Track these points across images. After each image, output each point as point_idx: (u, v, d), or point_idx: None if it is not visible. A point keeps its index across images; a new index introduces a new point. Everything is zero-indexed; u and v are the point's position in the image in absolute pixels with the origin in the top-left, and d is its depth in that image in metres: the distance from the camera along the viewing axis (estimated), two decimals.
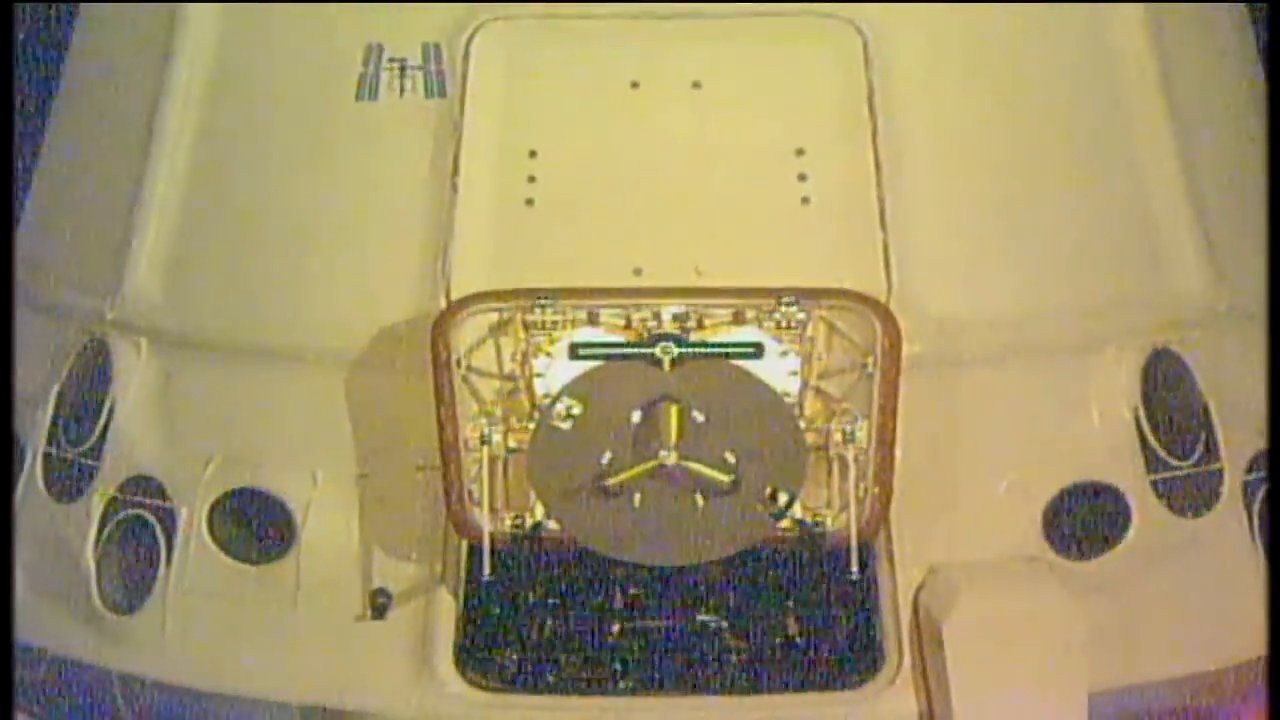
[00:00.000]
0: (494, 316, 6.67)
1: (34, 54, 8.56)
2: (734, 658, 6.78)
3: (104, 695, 7.03)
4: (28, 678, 7.18)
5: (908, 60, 6.95)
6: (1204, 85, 7.48)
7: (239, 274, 7.09)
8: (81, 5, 7.78)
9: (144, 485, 7.01)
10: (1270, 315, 7.46)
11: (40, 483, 7.21)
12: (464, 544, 6.68)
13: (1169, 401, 7.07)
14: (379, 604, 6.74)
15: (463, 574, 6.71)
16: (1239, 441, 7.15)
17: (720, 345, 6.62)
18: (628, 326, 6.65)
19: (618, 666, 6.75)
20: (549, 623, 6.78)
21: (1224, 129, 7.57)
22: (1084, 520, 6.95)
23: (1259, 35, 8.25)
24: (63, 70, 7.87)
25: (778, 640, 6.79)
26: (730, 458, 6.50)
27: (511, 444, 6.61)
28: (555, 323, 6.63)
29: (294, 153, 7.06)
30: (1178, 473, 7.04)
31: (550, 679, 6.74)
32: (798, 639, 6.79)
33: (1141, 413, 7.00)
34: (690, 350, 6.59)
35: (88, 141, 7.63)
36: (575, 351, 6.61)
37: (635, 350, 6.60)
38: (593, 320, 6.65)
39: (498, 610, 6.77)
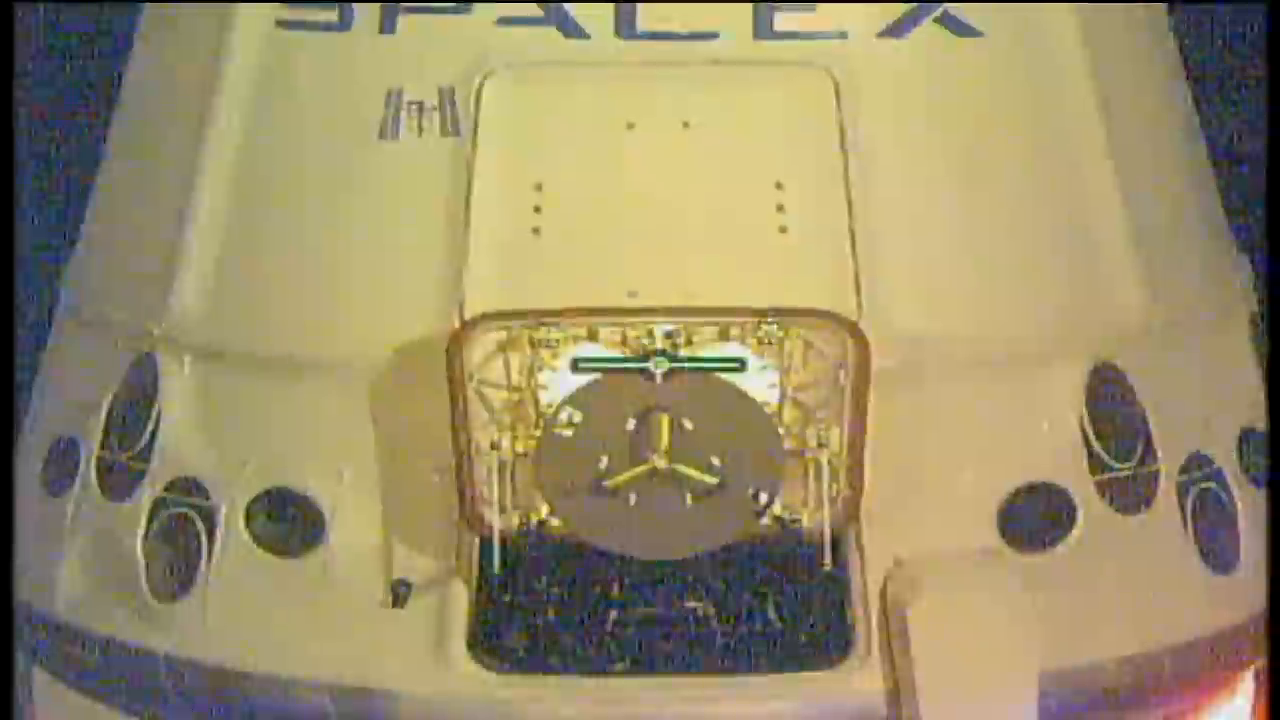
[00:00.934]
0: (503, 334, 6.70)
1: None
2: (719, 641, 6.81)
3: (151, 676, 7.07)
4: (82, 659, 7.23)
5: (874, 102, 6.98)
6: (1140, 112, 7.52)
7: (274, 294, 7.13)
8: (136, 41, 7.79)
9: (187, 485, 7.06)
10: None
11: (94, 483, 7.24)
12: (476, 540, 6.73)
13: (1111, 410, 7.13)
14: (399, 593, 6.81)
15: (475, 567, 6.76)
16: (1174, 446, 7.20)
17: (707, 360, 6.67)
18: (624, 343, 6.70)
19: (615, 649, 6.79)
20: (553, 610, 6.80)
21: (1161, 153, 7.62)
22: (1034, 517, 7.02)
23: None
24: (116, 102, 7.89)
25: (759, 626, 6.82)
26: (716, 461, 6.55)
27: (519, 449, 6.66)
28: (558, 340, 6.69)
29: (323, 186, 7.10)
30: (1119, 474, 7.11)
31: (554, 661, 6.78)
32: (777, 624, 6.83)
33: (1086, 420, 7.08)
34: (680, 365, 6.63)
35: (136, 172, 7.66)
36: (576, 366, 6.65)
37: (630, 365, 6.65)
38: (592, 337, 6.71)
39: (507, 599, 6.79)
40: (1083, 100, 7.31)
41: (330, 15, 7.09)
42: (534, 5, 6.93)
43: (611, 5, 6.93)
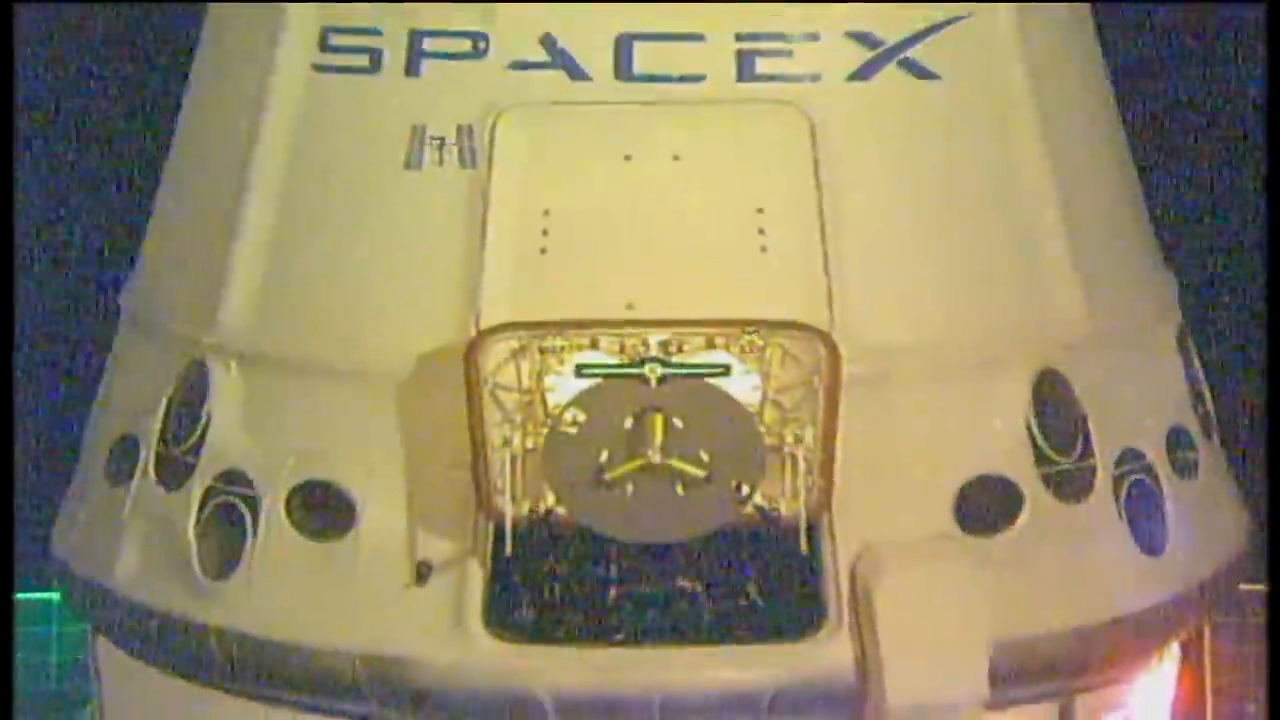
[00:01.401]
0: (515, 343, 6.68)
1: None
2: (706, 616, 6.80)
3: (201, 645, 7.04)
4: (140, 630, 7.21)
5: (845, 138, 6.97)
6: (1080, 143, 7.50)
7: (311, 307, 7.11)
8: (189, 81, 7.76)
9: (234, 477, 7.04)
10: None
11: (152, 475, 7.22)
12: (491, 525, 6.70)
13: (1053, 411, 7.12)
14: (422, 573, 6.79)
15: (489, 549, 6.73)
16: (1110, 443, 7.19)
17: (696, 366, 6.66)
18: (622, 351, 6.68)
19: (614, 623, 6.77)
20: (559, 588, 6.78)
21: (1099, 181, 7.60)
22: (986, 506, 7.00)
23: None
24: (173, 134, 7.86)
25: (741, 602, 6.81)
26: (704, 456, 6.54)
27: (529, 445, 6.64)
28: (564, 348, 6.68)
29: (355, 210, 7.06)
30: (1061, 468, 7.10)
31: (559, 633, 6.76)
32: (758, 601, 6.81)
33: (1032, 419, 7.06)
34: (672, 370, 6.63)
35: (189, 197, 7.63)
36: (580, 371, 6.65)
37: (628, 370, 6.64)
38: (594, 345, 6.69)
39: (518, 578, 6.78)
40: (1028, 134, 7.28)
41: (361, 60, 7.07)
42: (542, 51, 6.92)
43: (612, 51, 6.91)
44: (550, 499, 6.66)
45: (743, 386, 6.68)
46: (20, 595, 8.59)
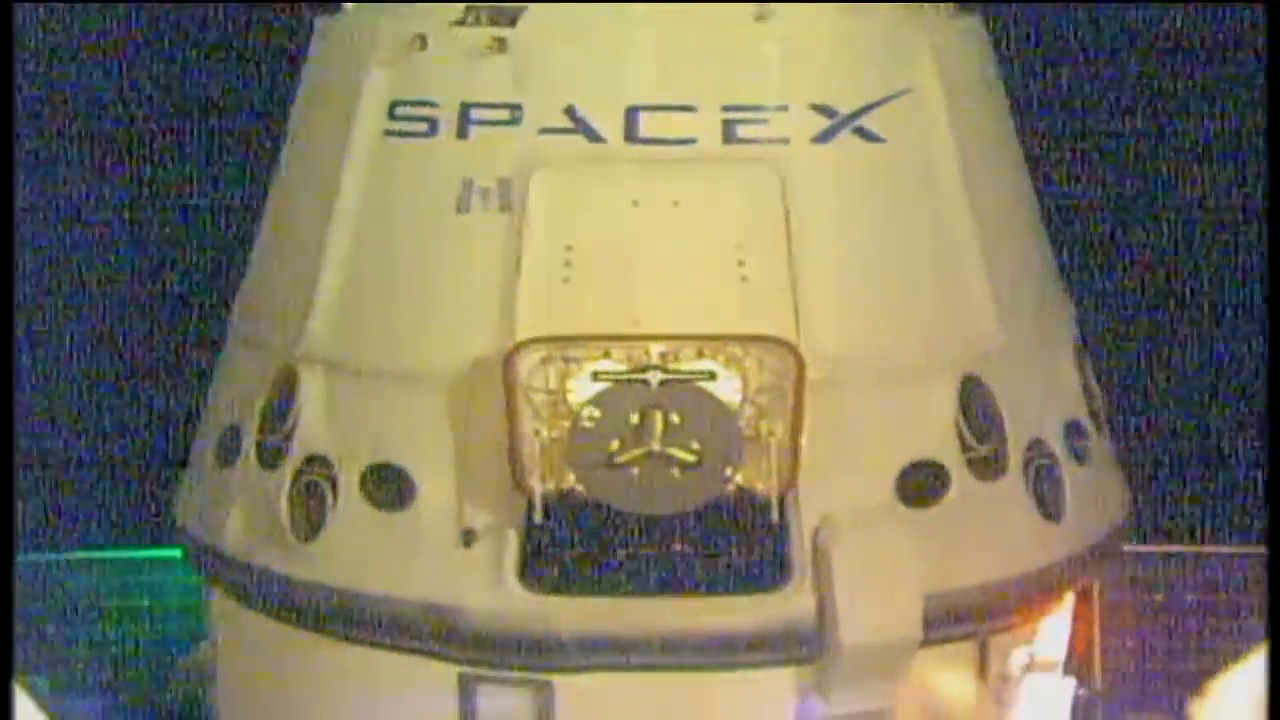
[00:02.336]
0: (543, 353, 6.61)
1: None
2: (696, 572, 6.72)
3: (292, 594, 6.99)
4: (244, 582, 7.14)
5: (808, 189, 6.89)
6: (994, 189, 7.35)
7: (380, 323, 7.02)
8: (285, 141, 7.62)
9: (318, 461, 6.96)
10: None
11: (253, 459, 7.13)
12: (524, 500, 6.62)
13: (974, 407, 7.03)
14: (468, 538, 6.72)
15: (523, 519, 6.65)
16: (1019, 434, 7.09)
17: (689, 372, 6.59)
18: (629, 360, 6.60)
19: (622, 578, 6.69)
20: (578, 550, 6.70)
21: (1010, 220, 7.45)
22: (921, 484, 6.92)
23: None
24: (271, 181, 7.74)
25: (725, 561, 6.72)
26: (695, 445, 6.50)
27: (554, 436, 6.57)
28: (583, 357, 6.61)
29: (416, 245, 6.98)
30: (980, 454, 7.00)
31: (578, 587, 6.68)
32: (738, 560, 6.72)
33: (959, 415, 6.97)
34: (669, 375, 6.57)
35: (283, 234, 7.52)
36: (595, 376, 6.59)
37: (634, 376, 6.58)
38: (607, 355, 6.62)
39: (545, 542, 6.69)
40: (954, 186, 7.18)
41: (422, 127, 6.98)
42: (567, 119, 6.84)
43: (622, 119, 6.84)
44: (571, 479, 6.59)
45: (726, 389, 6.61)
46: (150, 552, 8.55)
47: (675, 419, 6.52)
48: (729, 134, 6.87)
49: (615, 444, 6.53)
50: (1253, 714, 3.45)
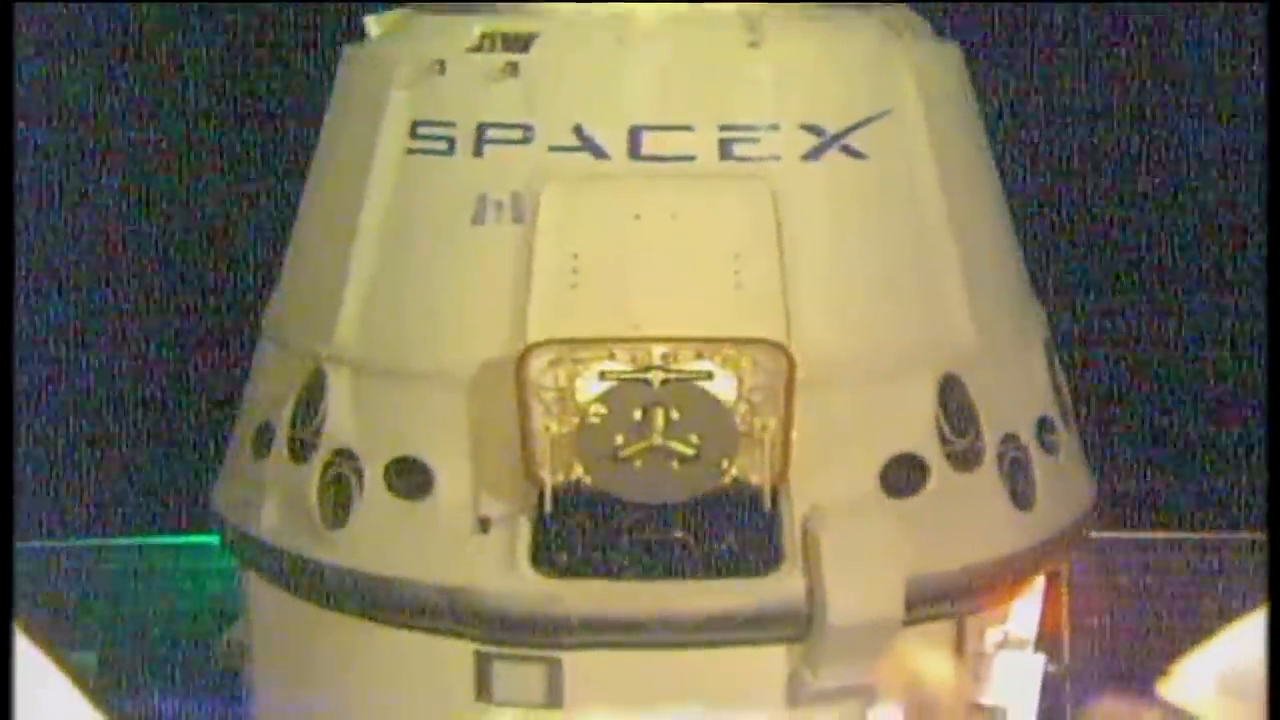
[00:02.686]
0: (553, 355, 6.52)
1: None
2: (695, 558, 6.65)
3: (321, 577, 6.92)
4: (277, 565, 7.07)
5: (797, 204, 6.81)
6: (970, 200, 7.27)
7: (401, 327, 6.94)
8: (315, 156, 7.52)
9: (344, 454, 6.87)
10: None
11: (285, 452, 7.04)
12: (535, 490, 6.55)
13: (952, 404, 6.94)
14: (484, 525, 6.64)
15: (534, 508, 6.58)
16: (994, 428, 7.01)
17: (688, 372, 6.51)
18: (632, 361, 6.52)
19: (626, 563, 6.61)
20: (585, 537, 6.63)
21: (985, 229, 7.35)
22: (903, 476, 6.83)
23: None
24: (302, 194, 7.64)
25: (721, 547, 6.65)
26: (694, 439, 6.43)
27: (563, 431, 6.48)
28: (589, 358, 6.52)
29: (435, 255, 6.89)
30: (957, 447, 6.92)
31: (585, 571, 6.61)
32: (734, 546, 6.65)
33: (938, 411, 6.88)
34: (670, 375, 6.49)
35: (312, 243, 7.43)
36: (601, 376, 6.50)
37: (637, 375, 6.50)
38: (611, 356, 6.52)
39: (555, 530, 6.62)
40: (933, 199, 7.09)
41: (441, 145, 6.90)
42: (574, 138, 6.76)
43: (626, 138, 6.76)
44: (579, 471, 6.51)
45: (723, 387, 6.52)
46: (189, 538, 8.50)
47: (675, 415, 6.45)
48: (725, 151, 6.79)
49: (620, 438, 6.45)
50: (1216, 693, 3.40)
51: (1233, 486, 9.21)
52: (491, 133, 6.83)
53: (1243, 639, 3.59)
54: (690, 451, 6.44)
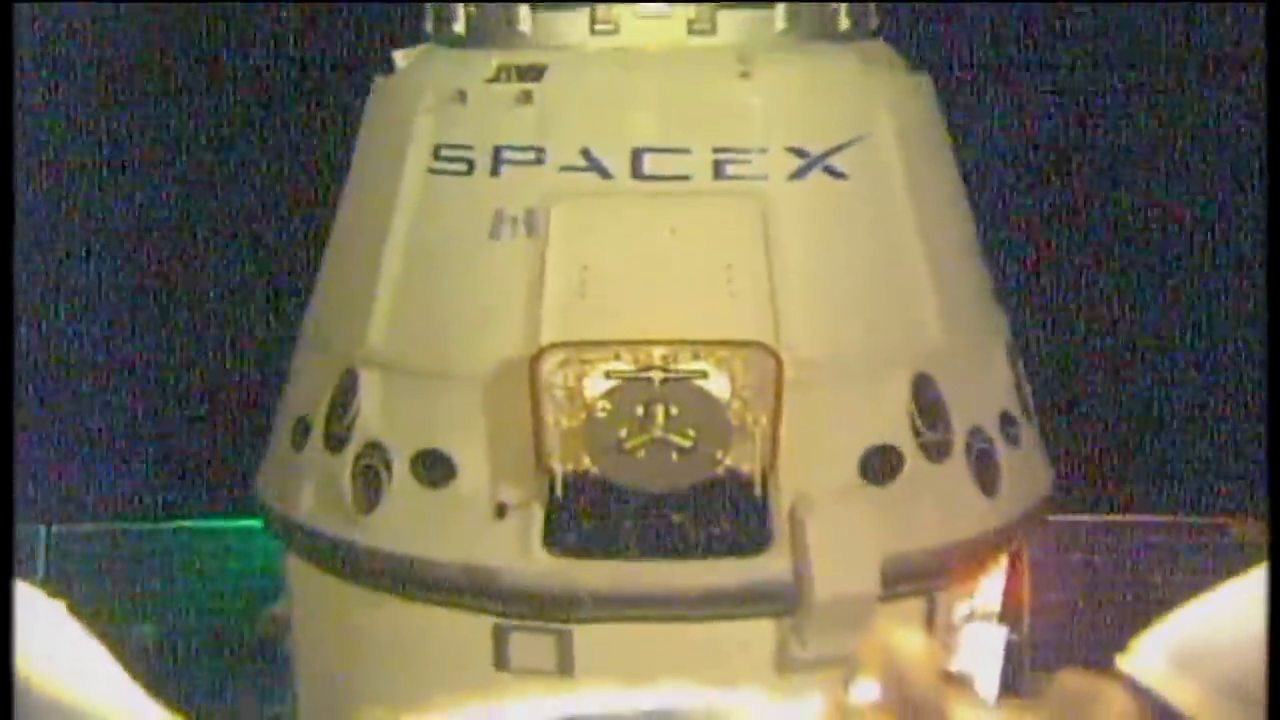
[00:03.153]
0: (564, 355, 6.42)
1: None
2: (692, 540, 6.55)
3: (356, 557, 6.82)
4: (315, 547, 6.97)
5: (784, 219, 6.70)
6: (938, 215, 7.13)
7: (426, 331, 6.84)
8: (350, 173, 7.36)
9: (374, 446, 6.76)
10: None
11: (320, 445, 6.93)
12: (546, 479, 6.45)
13: (924, 400, 6.83)
14: (501, 511, 6.54)
15: (546, 495, 6.48)
16: (962, 422, 6.89)
17: (686, 372, 6.40)
18: (635, 361, 6.41)
19: (629, 544, 6.52)
20: (592, 521, 6.54)
21: (951, 241, 7.22)
22: (880, 465, 6.72)
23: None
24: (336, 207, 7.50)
25: (716, 530, 6.55)
26: (691, 433, 6.32)
27: (572, 425, 6.38)
28: (596, 359, 6.41)
29: (456, 266, 6.79)
30: (929, 439, 6.80)
31: (593, 551, 6.52)
32: (727, 529, 6.55)
33: (912, 406, 6.77)
34: (669, 374, 6.38)
35: (345, 252, 7.31)
36: (607, 375, 6.40)
37: (639, 374, 6.39)
38: (616, 357, 6.41)
39: (565, 515, 6.52)
40: (906, 215, 6.96)
41: (461, 167, 6.79)
42: (583, 160, 6.65)
43: (629, 159, 6.65)
44: (587, 461, 6.39)
45: (717, 386, 6.41)
46: (235, 522, 8.40)
47: (674, 411, 6.33)
48: (718, 171, 6.68)
49: (623, 432, 6.33)
50: (1167, 667, 3.29)
51: (1194, 472, 9.04)
52: (507, 155, 6.73)
53: (1196, 616, 3.46)
54: (688, 444, 6.32)
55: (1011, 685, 7.42)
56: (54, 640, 3.22)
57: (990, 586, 7.27)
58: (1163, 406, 9.42)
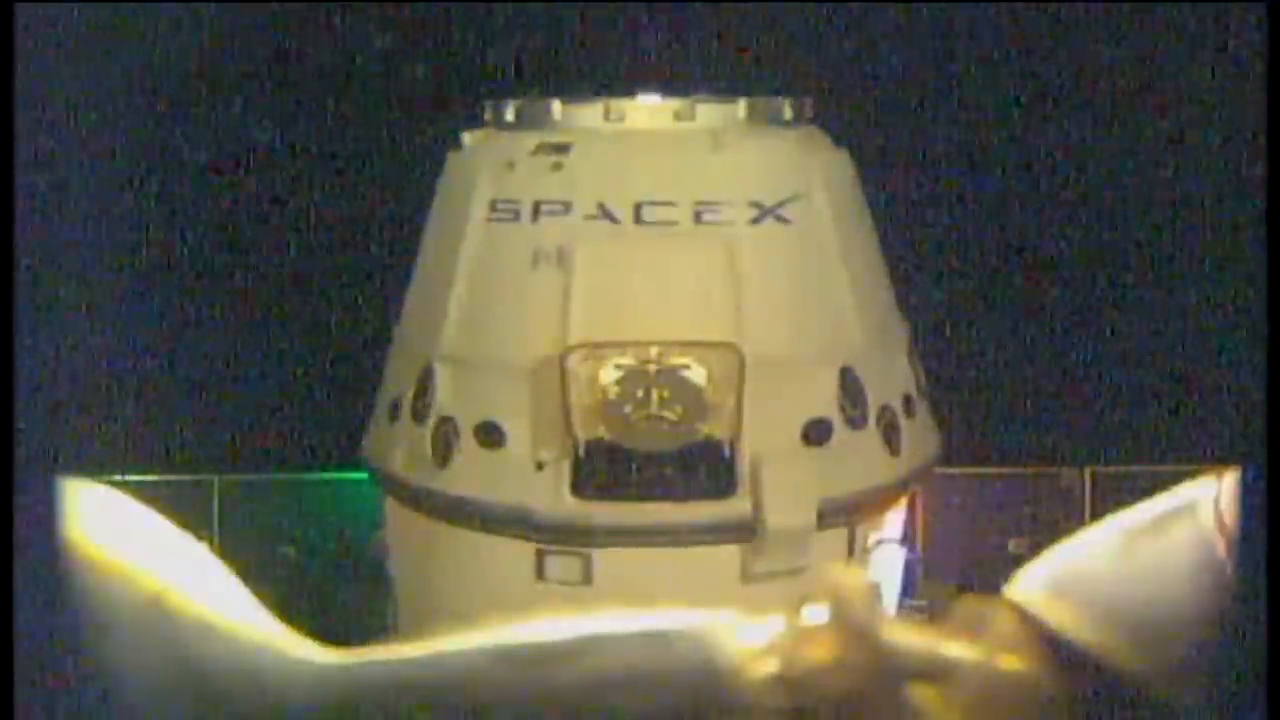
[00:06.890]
0: (585, 353, 6.29)
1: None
2: (679, 488, 6.41)
3: (435, 499, 6.66)
4: (405, 492, 6.79)
5: (745, 255, 6.56)
6: (857, 246, 6.95)
7: (485, 333, 6.67)
8: (432, 210, 7.11)
9: (448, 419, 6.61)
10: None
11: (408, 418, 6.77)
12: (572, 442, 6.31)
13: (849, 386, 6.69)
14: (540, 466, 6.41)
15: (572, 455, 6.34)
16: (875, 402, 6.74)
17: (674, 364, 6.28)
18: (637, 357, 6.30)
19: (633, 490, 6.37)
20: (607, 474, 6.39)
21: (865, 264, 7.01)
22: (817, 432, 6.57)
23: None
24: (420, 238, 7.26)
25: (697, 481, 6.41)
26: (678, 409, 6.21)
27: (592, 403, 6.26)
28: (608, 355, 6.29)
29: (507, 288, 6.65)
30: (852, 414, 6.66)
31: (608, 495, 6.38)
32: (705, 480, 6.40)
33: (839, 391, 6.64)
34: (662, 367, 6.27)
35: (425, 272, 7.12)
36: (616, 367, 6.27)
37: (640, 366, 6.27)
38: (624, 354, 6.29)
39: (586, 470, 6.37)
40: (834, 251, 6.82)
41: (511, 215, 6.66)
42: (598, 211, 6.52)
43: (633, 210, 6.52)
44: (602, 430, 6.28)
45: (697, 375, 6.29)
46: (349, 474, 8.22)
47: (666, 394, 6.23)
48: (697, 218, 6.55)
49: (629, 409, 6.22)
50: (1045, 591, 3.16)
51: (1035, 433, 8.80)
52: (544, 207, 6.61)
53: (1070, 551, 3.33)
54: (676, 418, 6.22)
55: (908, 589, 7.29)
56: (200, 574, 3.09)
57: (894, 519, 7.13)
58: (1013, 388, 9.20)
